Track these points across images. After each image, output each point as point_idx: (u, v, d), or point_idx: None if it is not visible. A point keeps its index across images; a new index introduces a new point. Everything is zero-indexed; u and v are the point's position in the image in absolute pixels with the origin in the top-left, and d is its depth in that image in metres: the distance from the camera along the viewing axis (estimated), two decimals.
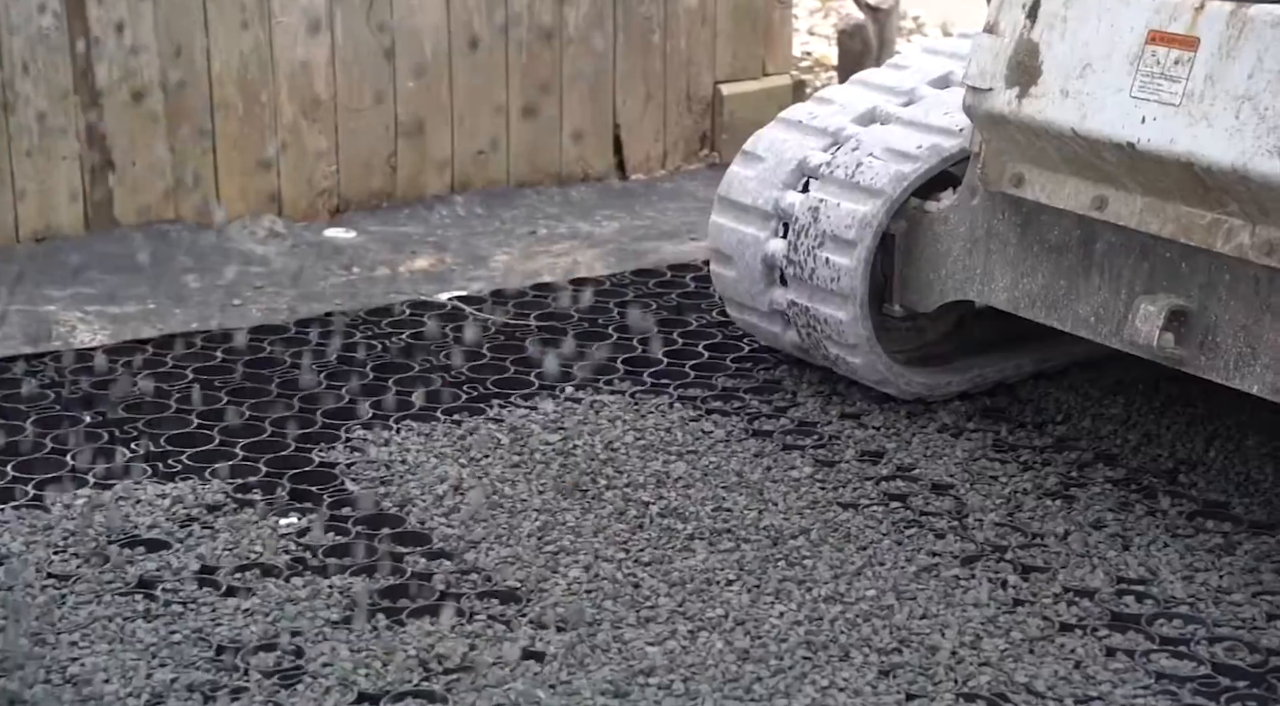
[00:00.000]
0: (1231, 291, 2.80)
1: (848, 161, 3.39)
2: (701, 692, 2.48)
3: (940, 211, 3.29)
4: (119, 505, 3.02)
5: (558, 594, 2.75)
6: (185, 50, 4.56)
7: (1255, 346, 2.78)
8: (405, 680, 2.49)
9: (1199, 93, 2.68)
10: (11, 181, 4.39)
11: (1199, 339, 2.85)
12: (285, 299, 4.19)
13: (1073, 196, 2.94)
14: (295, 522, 2.98)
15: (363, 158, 4.91)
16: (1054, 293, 3.08)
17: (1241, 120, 2.62)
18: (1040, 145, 2.94)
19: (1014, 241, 3.14)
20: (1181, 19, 2.73)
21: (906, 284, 3.37)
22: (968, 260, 3.25)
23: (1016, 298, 3.16)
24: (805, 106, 3.66)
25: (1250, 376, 2.78)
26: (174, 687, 2.45)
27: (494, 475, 3.19)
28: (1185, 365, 2.88)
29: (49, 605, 2.66)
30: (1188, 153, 2.69)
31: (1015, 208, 3.13)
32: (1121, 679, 2.55)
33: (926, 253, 3.32)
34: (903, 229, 3.34)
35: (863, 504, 3.10)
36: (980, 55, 3.01)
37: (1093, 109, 2.82)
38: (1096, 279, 3.00)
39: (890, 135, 3.41)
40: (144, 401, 3.52)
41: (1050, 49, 2.90)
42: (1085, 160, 2.87)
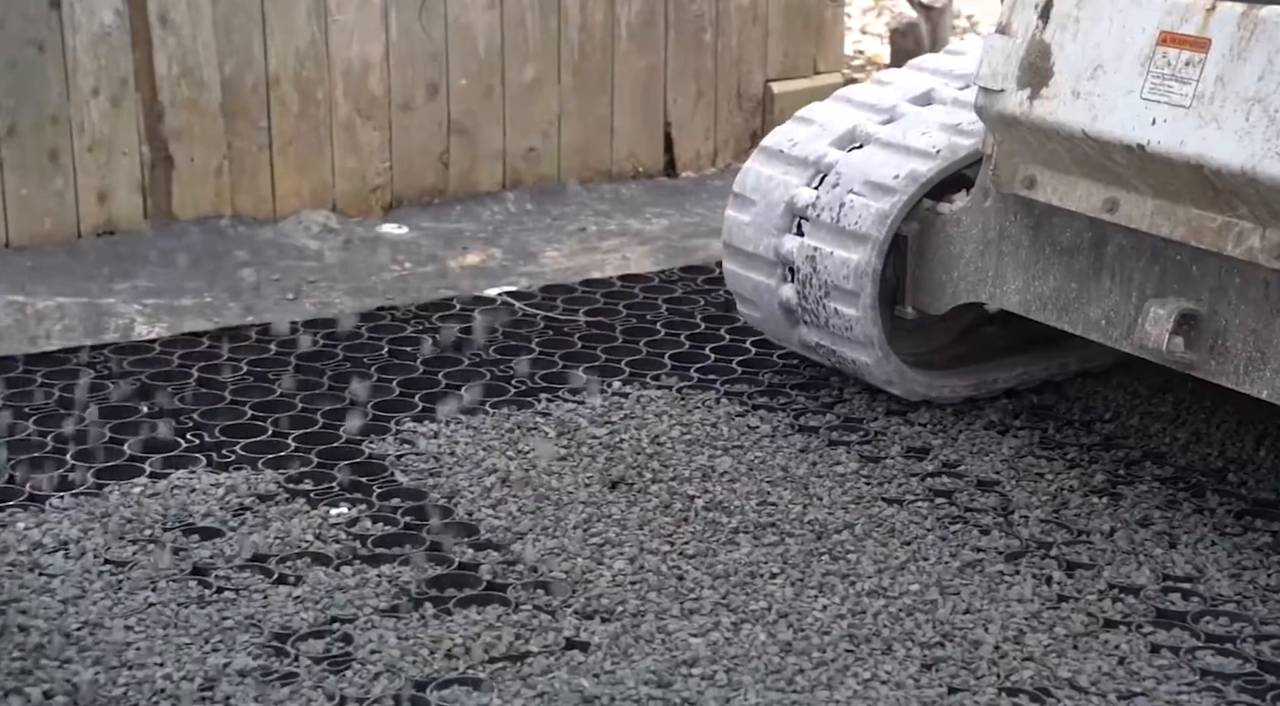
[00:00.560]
0: (1242, 295, 2.77)
1: (832, 202, 3.34)
2: (744, 683, 2.50)
3: (953, 213, 3.27)
4: (174, 494, 3.07)
5: (603, 585, 2.78)
6: (243, 48, 4.63)
7: (1265, 350, 2.74)
8: (451, 667, 2.53)
9: (1209, 94, 2.65)
10: (74, 177, 4.47)
11: (1209, 343, 2.82)
12: (338, 293, 4.25)
13: (1084, 199, 2.92)
14: (345, 513, 3.03)
15: (416, 154, 4.96)
16: (1065, 295, 3.06)
17: (1251, 122, 2.59)
18: (1052, 147, 2.92)
19: (1026, 244, 3.12)
20: (1193, 20, 2.71)
21: (919, 286, 3.35)
22: (980, 262, 3.22)
23: (1028, 300, 3.13)
24: (786, 130, 3.58)
25: (1260, 381, 2.75)
26: (226, 672, 2.49)
27: (541, 467, 3.22)
28: (1195, 369, 2.85)
29: (106, 590, 2.72)
30: (1197, 155, 2.66)
31: (1027, 210, 3.11)
32: (1166, 675, 2.54)
33: (939, 254, 3.29)
34: (915, 230, 3.31)
35: (907, 499, 3.11)
36: (992, 56, 2.99)
37: (1103, 110, 2.80)
38: (1107, 281, 2.97)
39: (869, 164, 3.35)
40: (199, 393, 3.58)
41: (1062, 50, 2.88)
42: (1096, 162, 2.85)
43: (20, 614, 2.62)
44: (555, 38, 5.12)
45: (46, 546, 2.85)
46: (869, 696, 2.47)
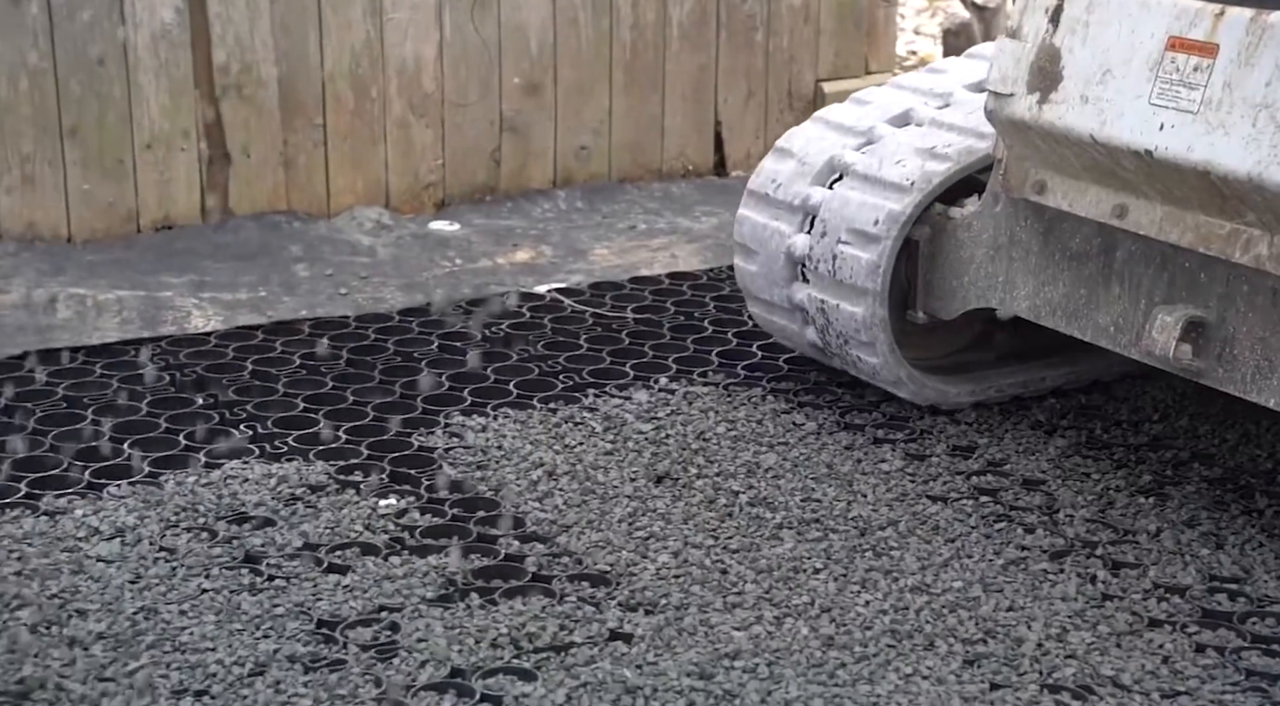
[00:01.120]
0: (1249, 303, 2.74)
1: (825, 254, 3.32)
2: (785, 676, 2.51)
3: (964, 218, 3.24)
4: (227, 483, 3.13)
5: (646, 578, 2.81)
6: (300, 46, 4.69)
7: (1273, 359, 2.71)
8: (497, 657, 2.56)
9: (1217, 100, 2.62)
10: (134, 173, 4.55)
11: (1217, 350, 2.79)
12: (390, 288, 4.30)
13: (1094, 204, 2.89)
14: (394, 504, 3.07)
15: (468, 152, 5.01)
16: (1074, 301, 3.03)
17: (1258, 128, 2.56)
18: (1061, 152, 2.90)
19: (1036, 249, 3.10)
20: (1201, 25, 2.68)
21: (930, 290, 3.33)
22: (990, 267, 3.20)
23: (1038, 306, 3.11)
24: (769, 166, 3.52)
25: (1268, 390, 2.72)
26: (276, 658, 2.54)
27: (587, 462, 3.25)
28: (1203, 377, 2.82)
29: (160, 577, 2.77)
30: (1204, 161, 2.63)
31: (1037, 215, 3.08)
32: (1210, 675, 2.54)
33: (950, 259, 3.27)
34: (927, 235, 3.29)
35: (952, 497, 3.11)
36: (1002, 60, 2.96)
37: (1112, 115, 2.77)
38: (1116, 288, 2.95)
39: (849, 205, 3.31)
40: (253, 385, 3.64)
41: (1071, 54, 2.86)
42: (1105, 167, 2.83)
43: (76, 599, 2.68)
44: (607, 36, 5.15)
45: (103, 533, 2.91)
46: (910, 691, 2.48)
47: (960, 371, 3.51)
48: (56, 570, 2.77)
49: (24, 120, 4.39)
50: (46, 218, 4.47)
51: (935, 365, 3.50)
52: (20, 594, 2.69)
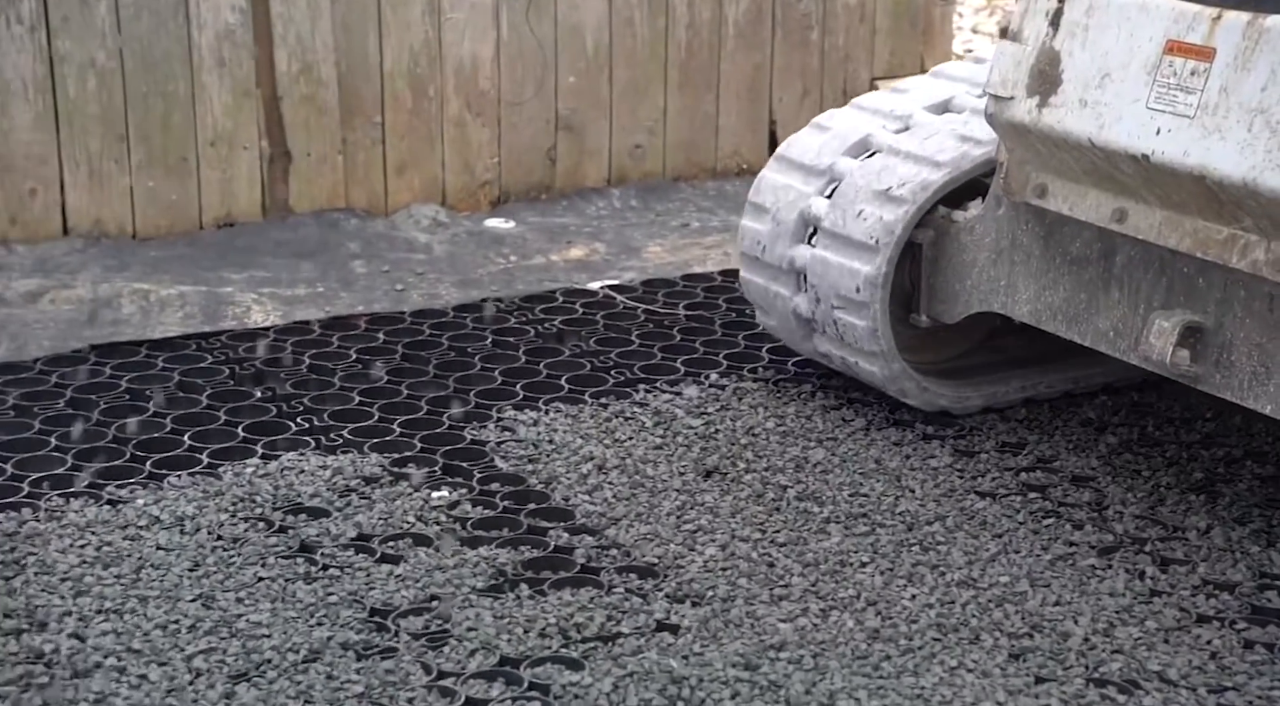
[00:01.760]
0: (1247, 308, 2.71)
1: (825, 318, 3.33)
2: (830, 668, 2.53)
3: (967, 221, 3.22)
4: (284, 474, 3.18)
5: (694, 570, 2.83)
6: (359, 46, 4.76)
7: (1269, 365, 2.68)
8: (545, 646, 2.59)
9: (1213, 104, 2.59)
10: (197, 171, 4.64)
11: (1214, 356, 2.76)
12: (445, 285, 4.35)
13: (1094, 208, 2.86)
14: (446, 496, 3.11)
15: (524, 150, 5.06)
16: (1075, 306, 3.01)
17: (1254, 133, 2.53)
18: (1061, 155, 2.88)
19: (1037, 253, 3.08)
20: (1199, 29, 2.64)
21: (933, 294, 3.31)
22: (993, 271, 3.18)
23: (1039, 310, 3.08)
24: (747, 228, 3.52)
25: (1264, 396, 2.69)
26: (329, 645, 2.58)
27: (637, 456, 3.28)
28: (1201, 383, 2.79)
29: (218, 565, 2.83)
30: (1200, 166, 2.60)
31: (1039, 218, 3.06)
32: (1258, 671, 2.53)
33: (953, 262, 3.25)
34: (930, 238, 3.27)
35: (1000, 493, 3.11)
36: (1002, 63, 2.94)
37: (1110, 119, 2.74)
38: (1116, 293, 2.92)
39: (822, 262, 3.29)
40: (310, 379, 3.71)
41: (1071, 58, 2.83)
42: (1104, 171, 2.81)
43: (137, 585, 2.75)
44: (663, 36, 5.18)
45: (164, 522, 2.98)
46: (954, 684, 2.49)
47: (964, 374, 3.49)
48: (119, 557, 2.83)
49: (92, 119, 4.49)
50: (112, 214, 4.57)
51: (942, 368, 3.49)
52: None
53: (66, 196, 4.51)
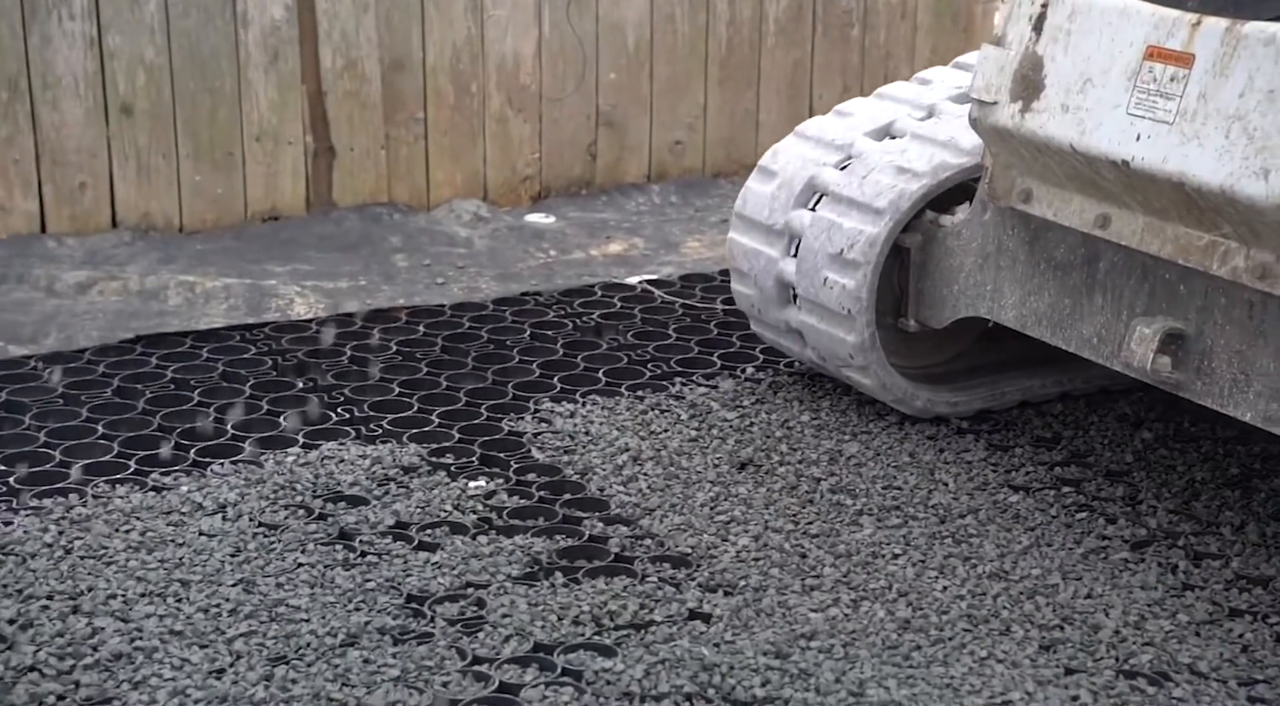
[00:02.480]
0: (1227, 315, 2.69)
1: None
2: (860, 657, 2.55)
3: (954, 226, 3.21)
4: (324, 463, 3.23)
5: (727, 560, 2.86)
6: (403, 42, 4.82)
7: (1249, 372, 2.66)
8: (578, 633, 2.63)
9: (1191, 111, 2.57)
10: (243, 165, 4.71)
11: (1196, 363, 2.74)
12: (485, 279, 4.40)
13: (1078, 214, 2.85)
14: (483, 485, 3.15)
15: (564, 146, 5.10)
16: (1059, 312, 2.99)
17: (1231, 140, 2.51)
18: (1044, 161, 2.86)
19: (1022, 258, 3.06)
20: (1179, 35, 2.62)
21: (921, 298, 3.30)
22: (979, 276, 3.17)
23: (1024, 316, 3.07)
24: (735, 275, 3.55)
25: (1244, 403, 2.67)
26: (367, 630, 2.63)
27: (672, 448, 3.31)
28: (1182, 390, 2.77)
29: (259, 551, 2.88)
30: (1179, 172, 2.58)
31: (1024, 224, 3.05)
32: None
33: (940, 267, 3.24)
34: (918, 243, 3.26)
35: (1034, 487, 3.12)
36: (986, 67, 2.92)
37: (1091, 125, 2.72)
38: (1099, 299, 2.90)
39: (809, 317, 3.31)
40: (351, 370, 3.76)
41: (1054, 62, 2.81)
42: (1087, 177, 2.79)
43: (180, 569, 2.80)
44: (703, 32, 5.21)
45: (207, 509, 3.03)
46: (984, 673, 2.50)
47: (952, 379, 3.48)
48: (163, 542, 2.89)
49: (141, 113, 4.56)
50: (160, 208, 4.64)
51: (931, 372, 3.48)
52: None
53: (116, 190, 4.58)
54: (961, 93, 3.34)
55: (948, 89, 3.46)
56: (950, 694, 2.45)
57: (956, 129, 3.24)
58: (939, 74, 3.62)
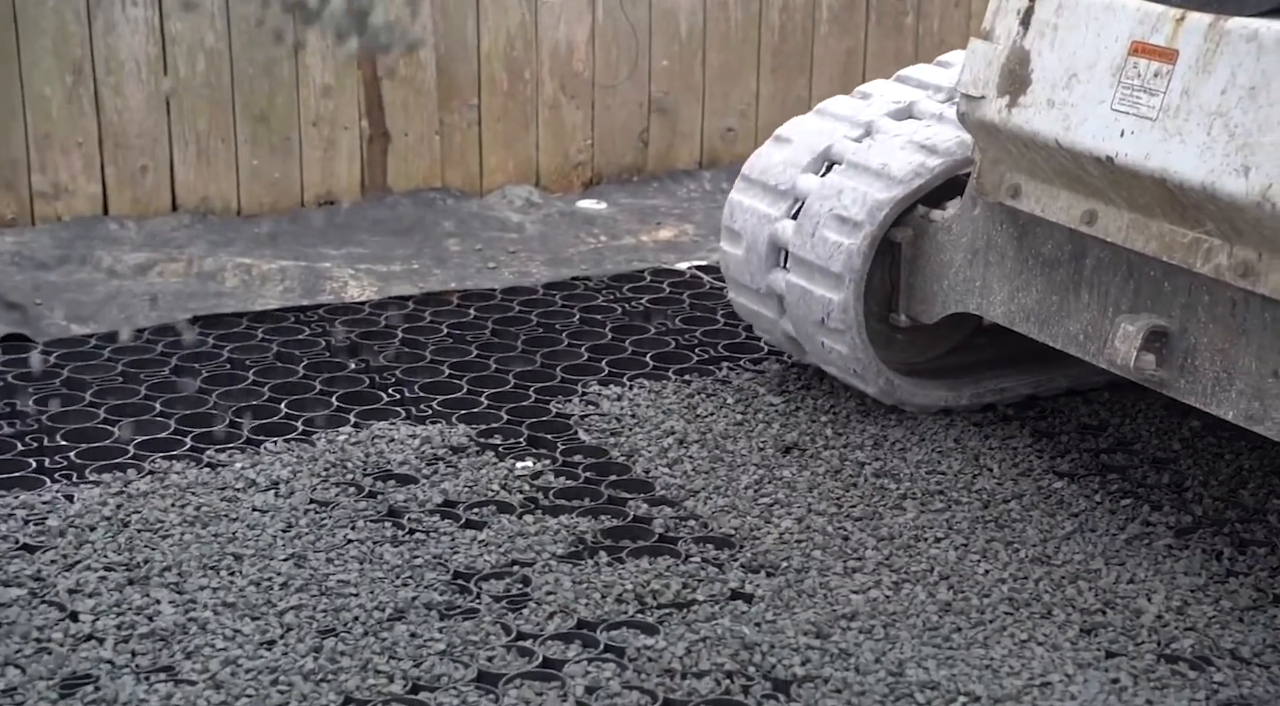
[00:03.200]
0: (1210, 313, 2.67)
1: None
2: (900, 638, 2.57)
3: (944, 220, 3.19)
4: (375, 442, 3.29)
5: (769, 542, 2.88)
6: (457, 29, 4.86)
7: (1231, 371, 2.64)
8: (621, 611, 2.66)
9: (1175, 107, 2.55)
10: (299, 150, 4.78)
11: (1180, 361, 2.71)
12: (536, 263, 4.44)
13: (1065, 210, 2.82)
14: (530, 466, 3.19)
15: (616, 133, 5.13)
16: (1046, 308, 2.97)
17: (1213, 137, 2.49)
18: (1031, 156, 2.84)
19: (1011, 254, 3.04)
20: (1163, 30, 2.60)
21: (912, 293, 3.28)
22: (968, 271, 3.14)
23: (1012, 312, 3.05)
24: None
25: (1226, 402, 2.65)
26: (414, 605, 2.67)
27: (717, 431, 3.33)
28: (1166, 388, 2.75)
29: (310, 527, 2.94)
30: (1161, 169, 2.56)
31: (1012, 219, 3.02)
32: None
33: (931, 262, 3.22)
34: (909, 237, 3.24)
35: (1079, 474, 3.12)
36: (974, 62, 2.90)
37: (1076, 120, 2.70)
38: (1086, 296, 2.88)
39: (797, 277, 3.27)
40: (403, 352, 3.81)
41: (1040, 57, 2.79)
42: (1073, 173, 2.77)
43: (233, 544, 2.86)
44: (756, 20, 5.22)
45: (260, 485, 3.09)
46: (1024, 656, 2.51)
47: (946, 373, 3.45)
48: (217, 517, 2.95)
49: (201, 99, 4.64)
50: (219, 191, 4.72)
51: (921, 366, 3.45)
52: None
53: (176, 174, 4.66)
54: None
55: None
56: (990, 675, 2.47)
57: None
58: (959, 58, 3.61)
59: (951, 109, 3.25)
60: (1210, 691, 2.44)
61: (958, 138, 3.19)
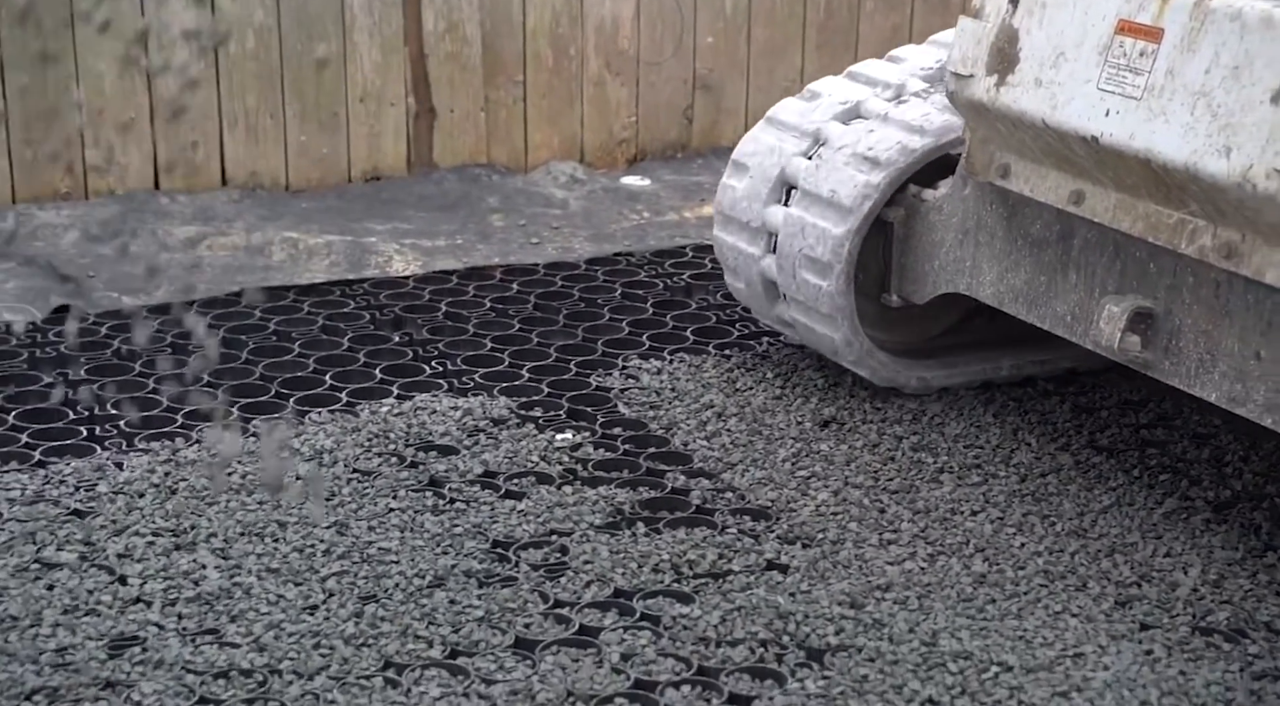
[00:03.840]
0: (1194, 294, 2.64)
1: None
2: (934, 609, 2.58)
3: (936, 200, 3.16)
4: (417, 414, 3.33)
5: (805, 514, 2.90)
6: (503, 6, 4.89)
7: (1214, 353, 2.61)
8: (658, 580, 2.69)
9: (1159, 87, 2.52)
10: (347, 126, 4.82)
11: (1164, 342, 2.69)
12: (579, 239, 4.46)
13: (1053, 190, 2.80)
14: (570, 438, 3.22)
15: (661, 109, 5.14)
16: (1035, 289, 2.94)
17: (1196, 117, 2.46)
18: (1020, 135, 2.81)
19: (1000, 234, 3.01)
20: (1149, 8, 2.57)
21: (904, 273, 3.26)
22: (959, 251, 3.12)
23: (1001, 292, 3.02)
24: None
25: (1209, 384, 2.62)
26: (453, 572, 2.71)
27: (755, 405, 3.35)
28: (1151, 369, 2.72)
29: (353, 496, 2.98)
30: (1146, 149, 2.54)
31: (1002, 199, 3.00)
32: None
33: (922, 242, 3.20)
34: (901, 216, 3.22)
35: (1118, 448, 3.11)
36: (964, 40, 2.87)
37: (1063, 100, 2.67)
38: (1073, 276, 2.85)
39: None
40: (446, 325, 3.85)
41: (1029, 35, 2.76)
42: (1061, 153, 2.74)
43: (277, 511, 2.91)
44: None
45: (304, 454, 3.14)
46: (1057, 627, 2.52)
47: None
48: (262, 485, 3.00)
49: (250, 75, 4.69)
50: (267, 166, 4.77)
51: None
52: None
53: (225, 149, 4.72)
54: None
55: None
56: (1023, 645, 2.48)
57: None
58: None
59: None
60: (1245, 663, 2.44)
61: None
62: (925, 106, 3.22)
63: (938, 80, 3.30)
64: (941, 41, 3.50)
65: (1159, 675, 2.41)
